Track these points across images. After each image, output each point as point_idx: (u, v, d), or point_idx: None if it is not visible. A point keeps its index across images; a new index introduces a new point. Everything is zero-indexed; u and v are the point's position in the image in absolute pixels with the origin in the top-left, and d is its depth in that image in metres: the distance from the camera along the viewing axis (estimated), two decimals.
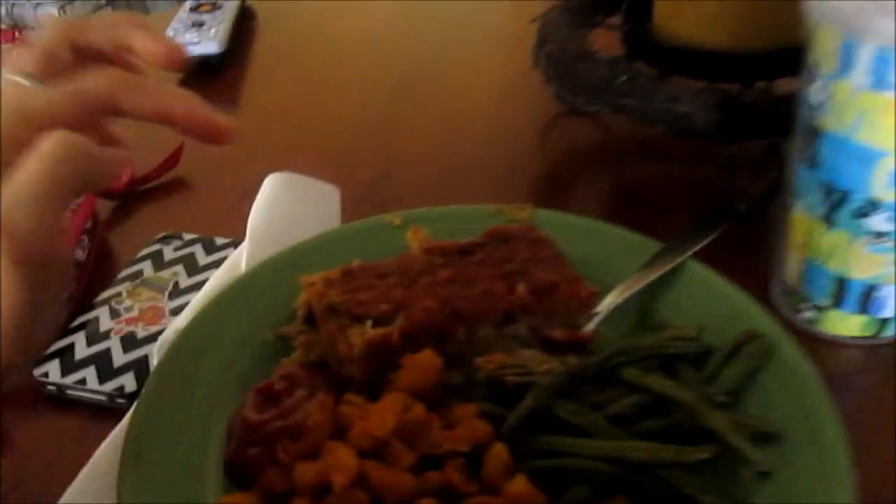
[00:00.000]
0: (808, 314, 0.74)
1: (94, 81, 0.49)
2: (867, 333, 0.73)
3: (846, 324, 0.72)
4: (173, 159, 1.00)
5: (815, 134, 0.66)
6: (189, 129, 0.52)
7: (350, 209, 0.88)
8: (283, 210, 0.82)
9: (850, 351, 0.74)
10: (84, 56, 0.53)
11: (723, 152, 0.89)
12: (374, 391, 0.63)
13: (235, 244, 0.83)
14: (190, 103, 0.51)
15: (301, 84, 1.23)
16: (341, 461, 0.52)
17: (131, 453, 0.59)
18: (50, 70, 0.50)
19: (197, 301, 0.74)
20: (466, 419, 0.58)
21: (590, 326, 0.68)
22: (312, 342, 0.68)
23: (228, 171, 1.01)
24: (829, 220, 0.67)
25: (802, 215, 0.70)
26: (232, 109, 1.17)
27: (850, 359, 0.73)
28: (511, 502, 0.53)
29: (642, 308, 0.73)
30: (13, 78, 0.48)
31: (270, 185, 0.85)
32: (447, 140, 1.07)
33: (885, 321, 0.72)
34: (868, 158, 0.63)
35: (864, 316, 0.71)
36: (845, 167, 0.64)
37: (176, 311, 0.76)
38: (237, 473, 0.59)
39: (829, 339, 0.74)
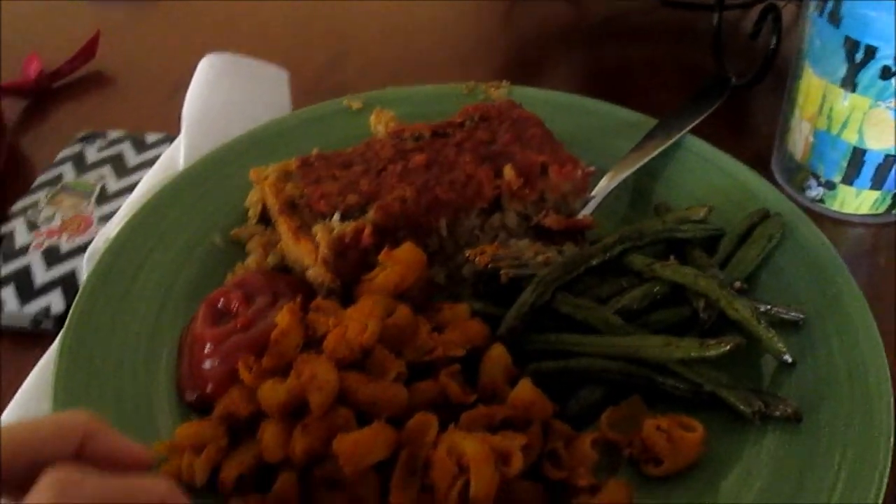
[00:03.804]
0: (815, 191, 0.68)
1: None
2: (878, 210, 0.67)
3: (857, 200, 0.66)
4: (89, 50, 0.87)
5: None
6: None
7: (300, 97, 0.77)
8: (224, 96, 0.71)
9: (859, 230, 0.68)
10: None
11: (710, 24, 0.80)
12: (345, 297, 0.54)
13: (170, 140, 0.72)
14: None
15: None
16: (318, 376, 0.43)
17: (64, 386, 0.49)
18: None
19: (129, 205, 0.64)
20: (458, 320, 0.50)
21: (586, 211, 0.61)
22: (269, 244, 0.59)
23: (155, 61, 0.89)
24: (849, 83, 0.60)
25: (817, 81, 0.63)
26: None
27: (859, 238, 0.68)
28: (516, 411, 0.46)
29: (638, 190, 0.65)
30: None
31: (207, 68, 0.73)
32: (405, 18, 0.95)
33: None
34: None
35: (877, 192, 0.65)
36: (874, 20, 0.57)
37: (105, 219, 0.65)
38: (192, 398, 0.50)
39: (836, 217, 0.68)
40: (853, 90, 0.60)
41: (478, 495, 0.40)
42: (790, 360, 0.51)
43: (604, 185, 0.63)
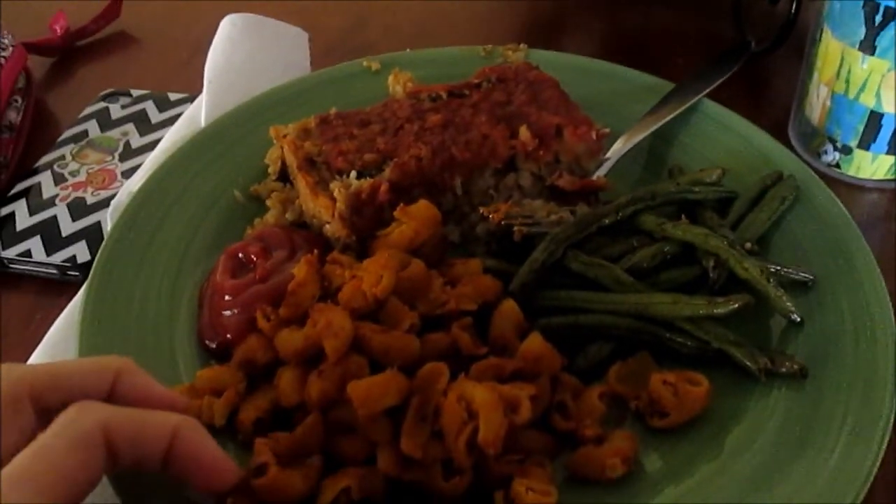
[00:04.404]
0: (831, 156, 0.68)
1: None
2: (894, 176, 0.67)
3: (873, 166, 0.66)
4: (114, 10, 0.88)
5: None
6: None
7: (319, 60, 0.78)
8: (245, 56, 0.72)
9: (874, 195, 0.68)
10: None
11: None
12: (360, 252, 0.55)
13: (192, 99, 0.73)
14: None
15: None
16: (333, 324, 0.45)
17: (89, 331, 0.51)
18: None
19: (152, 160, 0.65)
20: (471, 275, 0.52)
21: (600, 173, 0.61)
22: (288, 200, 0.60)
23: (177, 21, 0.90)
24: (868, 45, 0.60)
25: (836, 44, 0.62)
26: None
27: (874, 203, 0.68)
28: (525, 364, 0.47)
29: (653, 153, 0.66)
30: None
31: (228, 28, 0.74)
32: None
33: None
34: None
35: (893, 156, 0.65)
36: None
37: (129, 174, 0.67)
38: (212, 345, 0.52)
39: (851, 182, 0.68)
40: (872, 53, 0.60)
41: (486, 440, 0.42)
42: (798, 318, 0.52)
43: (618, 148, 0.63)
